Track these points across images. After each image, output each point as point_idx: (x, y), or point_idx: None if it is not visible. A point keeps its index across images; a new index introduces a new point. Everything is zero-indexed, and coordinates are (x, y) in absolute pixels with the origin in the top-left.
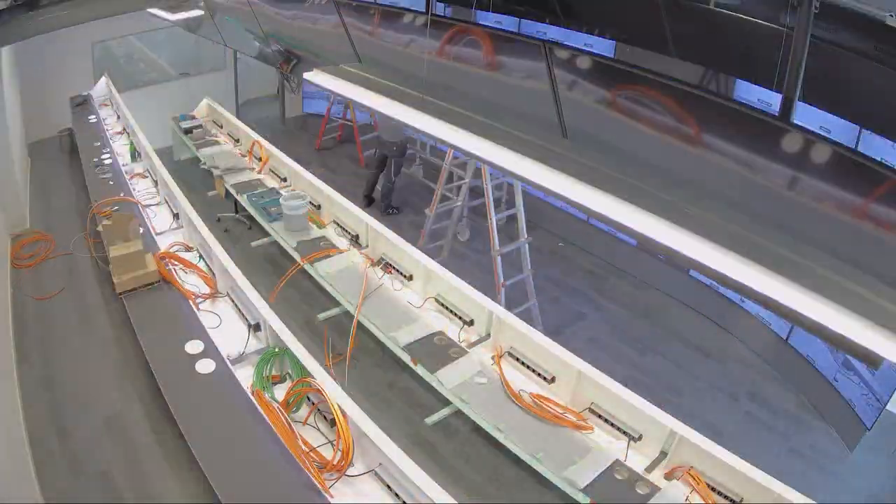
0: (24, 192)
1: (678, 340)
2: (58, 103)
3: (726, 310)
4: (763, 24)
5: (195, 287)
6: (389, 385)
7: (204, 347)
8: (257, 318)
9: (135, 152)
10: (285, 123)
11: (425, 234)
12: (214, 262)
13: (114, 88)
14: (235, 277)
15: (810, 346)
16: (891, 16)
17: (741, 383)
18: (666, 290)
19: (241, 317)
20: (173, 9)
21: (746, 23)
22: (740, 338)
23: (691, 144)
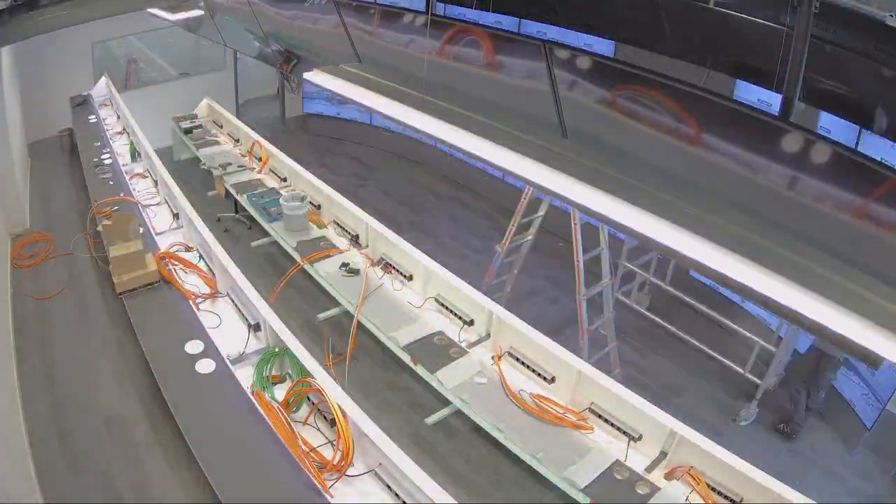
0: (24, 192)
1: (678, 340)
2: (58, 103)
3: (726, 310)
4: (763, 24)
5: (195, 287)
6: (389, 385)
7: (204, 347)
8: (257, 318)
9: (135, 152)
10: (285, 123)
11: (493, 272)
12: (214, 262)
13: (114, 88)
14: (235, 277)
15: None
16: (891, 16)
17: (741, 383)
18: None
19: (241, 317)
20: (173, 9)
21: (746, 22)
22: (740, 338)
23: (691, 144)
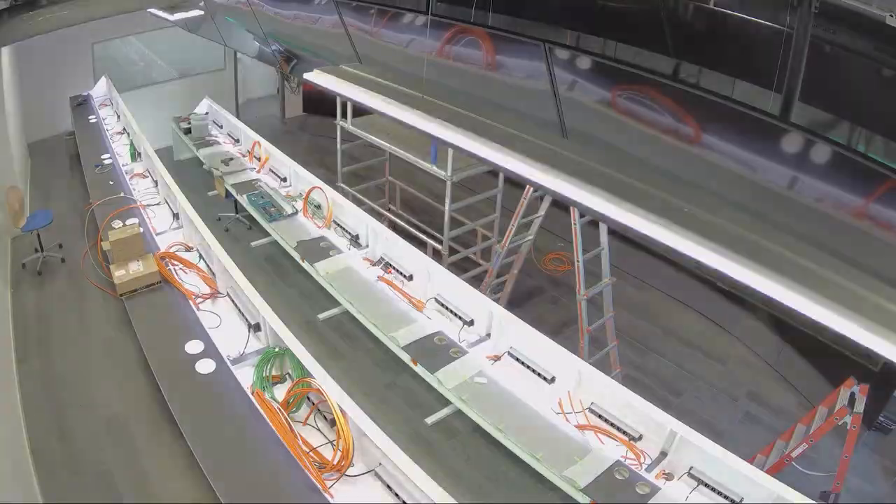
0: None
1: (678, 340)
2: (58, 103)
3: (726, 310)
4: (763, 24)
5: (195, 287)
6: (389, 385)
7: (204, 347)
8: (257, 318)
9: (135, 152)
10: (285, 123)
11: (493, 272)
12: (214, 262)
13: (114, 88)
14: (235, 277)
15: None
16: (891, 16)
17: (741, 383)
18: (666, 290)
19: (241, 317)
20: (173, 9)
21: (745, 22)
22: (740, 338)
23: (690, 144)
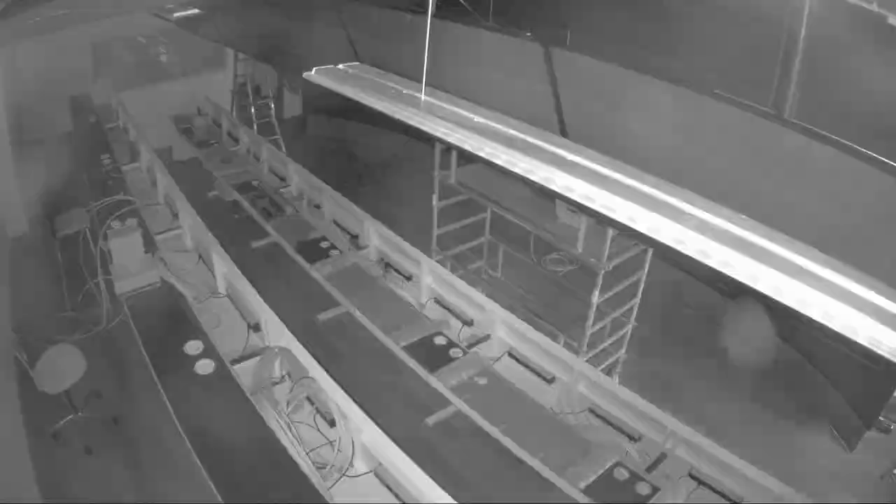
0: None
1: (679, 341)
2: (58, 103)
3: (727, 310)
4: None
5: (195, 287)
6: (389, 385)
7: (204, 347)
8: (257, 318)
9: (135, 152)
10: (285, 123)
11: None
12: (214, 263)
13: (114, 88)
14: (235, 278)
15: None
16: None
17: (741, 383)
18: (667, 290)
19: (241, 317)
20: (173, 9)
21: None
22: (740, 338)
23: (690, 143)
